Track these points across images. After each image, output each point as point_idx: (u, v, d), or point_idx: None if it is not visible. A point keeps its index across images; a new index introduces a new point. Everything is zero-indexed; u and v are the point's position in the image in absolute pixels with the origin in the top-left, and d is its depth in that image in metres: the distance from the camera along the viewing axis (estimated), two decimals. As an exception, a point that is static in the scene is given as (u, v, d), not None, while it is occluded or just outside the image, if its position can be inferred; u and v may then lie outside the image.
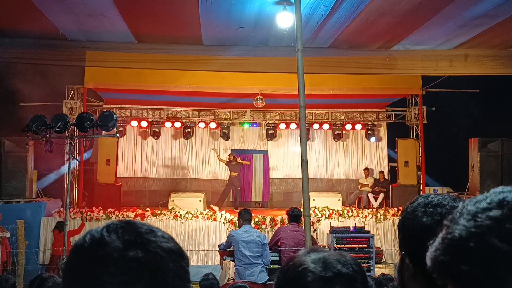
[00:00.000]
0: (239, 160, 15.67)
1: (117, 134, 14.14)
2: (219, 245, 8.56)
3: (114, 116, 8.68)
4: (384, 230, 12.90)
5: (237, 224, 8.93)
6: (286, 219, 8.81)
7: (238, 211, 8.50)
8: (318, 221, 12.69)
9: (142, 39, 11.25)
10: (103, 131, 8.94)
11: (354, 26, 10.03)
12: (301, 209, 8.68)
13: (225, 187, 15.60)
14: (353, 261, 1.23)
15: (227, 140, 16.69)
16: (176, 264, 1.01)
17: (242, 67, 12.10)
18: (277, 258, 8.18)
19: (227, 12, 9.49)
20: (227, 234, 10.87)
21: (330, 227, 12.09)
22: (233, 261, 7.75)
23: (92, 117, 8.68)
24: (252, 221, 11.71)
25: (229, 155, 15.97)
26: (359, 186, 15.97)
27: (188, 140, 16.93)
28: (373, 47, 11.65)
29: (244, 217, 7.76)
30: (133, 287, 0.94)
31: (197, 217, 12.72)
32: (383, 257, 12.34)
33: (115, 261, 0.95)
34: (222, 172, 17.14)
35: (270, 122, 16.53)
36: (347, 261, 1.21)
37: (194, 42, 11.20)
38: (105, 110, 14.19)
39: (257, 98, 14.78)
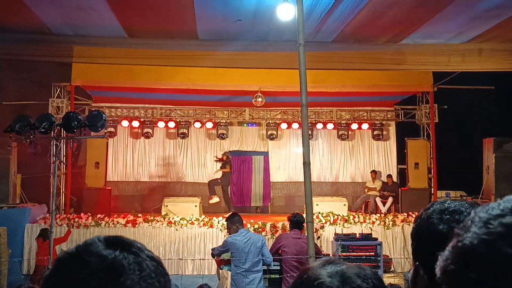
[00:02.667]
0: (226, 168, 15.51)
1: (107, 135, 14.13)
2: (212, 249, 8.44)
3: (103, 115, 8.66)
4: (393, 237, 12.89)
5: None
6: (288, 226, 8.78)
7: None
8: (322, 227, 12.68)
9: (134, 34, 11.24)
10: (92, 132, 8.93)
11: (360, 19, 10.01)
12: (304, 215, 8.67)
13: (222, 193, 15.50)
14: (374, 275, 1.19)
15: (223, 139, 16.64)
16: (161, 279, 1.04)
17: (240, 63, 12.10)
18: (278, 267, 8.15)
19: (224, 4, 9.48)
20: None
21: (335, 234, 12.05)
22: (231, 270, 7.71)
23: (79, 117, 8.65)
24: (251, 227, 11.79)
25: (223, 154, 15.92)
26: (366, 190, 15.95)
27: (183, 141, 16.91)
28: (381, 41, 11.64)
29: (237, 221, 7.76)
30: None
31: (192, 223, 12.71)
32: (392, 266, 12.32)
33: (98, 271, 0.96)
34: (219, 175, 17.10)
35: (270, 121, 16.52)
36: (367, 275, 1.18)
37: (189, 37, 11.19)
38: (94, 109, 14.18)
39: (257, 96, 14.77)
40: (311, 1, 9.06)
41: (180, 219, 12.80)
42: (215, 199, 14.68)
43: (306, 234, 7.16)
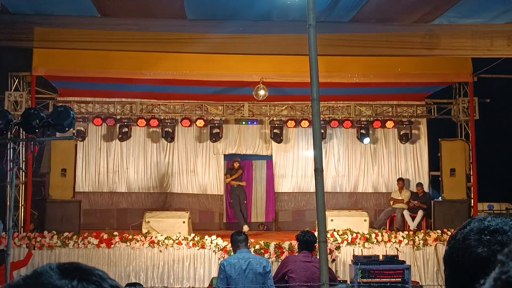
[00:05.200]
0: (236, 174, 15.70)
1: (75, 136, 14.11)
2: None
3: (71, 112, 8.65)
4: (423, 260, 12.88)
5: (231, 253, 8.87)
6: (296, 246, 8.78)
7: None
8: (338, 248, 12.67)
9: (108, 12, 11.23)
10: (57, 133, 8.92)
11: (383, -6, 10.01)
12: (315, 233, 8.66)
13: (232, 202, 15.70)
14: None
15: (216, 141, 16.64)
16: None
17: (238, 48, 12.09)
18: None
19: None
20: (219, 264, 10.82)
21: (353, 256, 12.05)
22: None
23: (42, 114, 8.64)
24: (251, 249, 11.77)
25: (234, 162, 15.99)
26: (391, 202, 15.94)
27: (168, 143, 16.92)
28: (409, 21, 11.63)
29: (237, 240, 7.69)
30: None
31: (180, 243, 12.70)
32: (423, 295, 12.33)
33: None
34: (213, 184, 17.14)
35: (275, 118, 16.54)
36: None
37: (175, 16, 11.18)
38: (60, 104, 14.21)
39: (258, 88, 14.79)
40: (324, -28, 9.07)
41: (165, 238, 12.79)
42: (245, 228, 14.74)
43: (318, 257, 7.16)
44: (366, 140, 16.78)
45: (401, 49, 12.18)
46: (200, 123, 16.32)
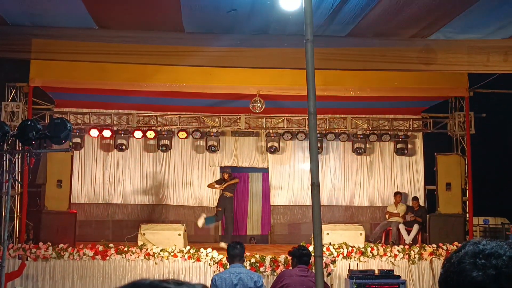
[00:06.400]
0: (230, 181, 15.52)
1: (72, 148, 14.09)
2: None
3: (68, 124, 8.64)
4: (419, 274, 12.86)
5: (227, 266, 8.84)
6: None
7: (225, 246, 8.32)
8: (334, 262, 12.64)
9: (105, 24, 11.23)
10: (54, 144, 8.90)
11: (380, 9, 10.03)
12: (311, 247, 8.64)
13: (216, 213, 15.39)
14: None
15: (213, 152, 16.65)
16: None
17: (235, 61, 12.10)
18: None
19: (215, -10, 9.50)
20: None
21: (349, 270, 12.03)
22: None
23: (38, 126, 8.63)
24: (247, 262, 11.73)
25: (224, 172, 15.87)
26: (387, 216, 15.94)
27: (165, 154, 16.91)
28: (406, 36, 11.65)
29: (232, 254, 7.65)
30: None
31: (175, 256, 12.67)
32: (419, 310, 12.30)
33: None
34: (209, 197, 17.11)
35: (271, 131, 16.56)
36: None
37: (172, 29, 11.19)
38: (56, 115, 14.23)
39: (255, 100, 14.79)
40: (321, -13, 9.09)
41: (160, 251, 12.75)
42: (222, 245, 14.14)
43: (313, 271, 7.14)
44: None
45: (397, 64, 12.20)
46: (197, 135, 16.31)
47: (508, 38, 11.69)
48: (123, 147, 16.32)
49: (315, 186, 6.61)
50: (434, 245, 13.41)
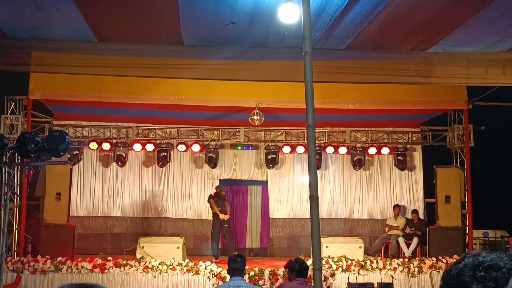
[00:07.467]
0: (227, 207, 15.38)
1: (71, 161, 14.07)
2: None
3: (66, 137, 8.64)
4: (418, 287, 12.81)
5: (226, 279, 8.81)
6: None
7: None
8: (333, 275, 12.61)
9: (105, 37, 11.25)
10: (53, 157, 8.89)
11: (378, 22, 10.05)
12: (310, 260, 8.61)
13: (211, 231, 15.26)
14: None
15: (213, 167, 16.65)
16: None
17: (234, 74, 12.11)
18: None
19: (214, 3, 9.52)
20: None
21: (348, 283, 12.00)
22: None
23: (37, 139, 8.63)
24: (245, 275, 11.67)
25: (217, 187, 15.82)
26: (386, 229, 15.91)
27: (164, 167, 16.89)
28: (404, 49, 11.67)
29: (232, 267, 7.61)
30: None
31: (174, 269, 12.63)
32: (418, 323, 12.26)
33: None
34: (208, 210, 17.04)
35: (270, 144, 16.53)
36: None
37: (172, 42, 11.21)
38: (55, 128, 14.20)
39: (254, 113, 14.79)
40: (320, 0, 9.11)
41: (159, 264, 12.72)
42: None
43: (312, 284, 7.11)
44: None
45: (396, 77, 12.21)
46: (196, 147, 16.30)
47: (506, 51, 11.72)
48: (122, 160, 16.27)
49: (314, 199, 6.61)
50: (434, 258, 13.38)
